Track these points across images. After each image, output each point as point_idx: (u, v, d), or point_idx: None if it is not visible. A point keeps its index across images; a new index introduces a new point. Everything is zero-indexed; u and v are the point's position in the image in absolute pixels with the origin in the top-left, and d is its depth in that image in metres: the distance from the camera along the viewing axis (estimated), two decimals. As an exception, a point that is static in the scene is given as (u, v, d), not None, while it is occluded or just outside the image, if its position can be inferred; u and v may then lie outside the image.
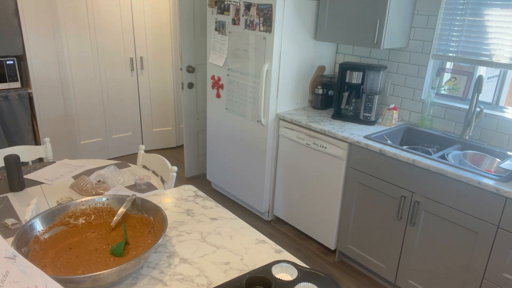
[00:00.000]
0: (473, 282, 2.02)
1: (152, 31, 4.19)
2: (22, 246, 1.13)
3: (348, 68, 2.73)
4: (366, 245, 2.54)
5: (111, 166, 2.16)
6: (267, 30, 2.73)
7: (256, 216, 3.31)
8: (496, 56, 2.33)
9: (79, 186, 1.93)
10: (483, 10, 2.34)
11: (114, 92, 4.15)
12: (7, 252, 0.83)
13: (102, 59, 3.97)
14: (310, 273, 1.14)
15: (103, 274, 1.01)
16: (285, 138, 2.90)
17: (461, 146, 2.41)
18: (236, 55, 3.04)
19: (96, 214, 1.37)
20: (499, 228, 1.88)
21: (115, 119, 4.25)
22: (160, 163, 2.31)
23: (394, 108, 2.70)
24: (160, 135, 4.63)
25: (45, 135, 3.72)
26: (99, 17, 3.84)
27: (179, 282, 1.13)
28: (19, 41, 3.34)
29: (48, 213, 1.27)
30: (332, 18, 2.74)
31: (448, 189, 2.03)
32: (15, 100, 3.36)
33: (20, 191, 1.93)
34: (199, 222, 1.45)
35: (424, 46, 2.62)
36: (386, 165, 2.29)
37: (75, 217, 1.34)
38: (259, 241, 1.34)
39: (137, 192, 1.95)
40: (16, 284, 0.80)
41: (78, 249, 1.24)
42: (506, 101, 2.47)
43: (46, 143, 2.48)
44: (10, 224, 1.61)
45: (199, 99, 3.79)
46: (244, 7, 2.84)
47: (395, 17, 2.48)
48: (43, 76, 3.59)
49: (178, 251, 1.28)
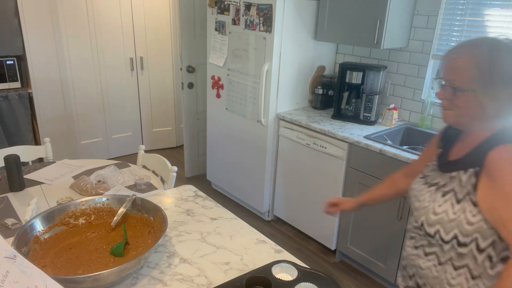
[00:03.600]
0: (473, 282, 2.02)
1: (152, 31, 4.19)
2: (22, 246, 1.13)
3: (348, 68, 2.73)
4: (366, 245, 2.54)
5: (111, 166, 2.16)
6: (267, 30, 2.73)
7: (256, 216, 3.31)
8: (496, 56, 2.33)
9: (79, 186, 1.93)
10: (483, 10, 2.34)
11: (114, 92, 4.15)
12: (7, 252, 0.83)
13: (102, 59, 3.97)
14: (310, 273, 1.14)
15: (103, 274, 1.01)
16: (285, 138, 2.90)
17: (461, 146, 2.41)
18: (236, 55, 3.04)
19: (96, 214, 1.37)
20: (499, 228, 1.88)
21: (115, 119, 4.25)
22: (160, 163, 2.31)
23: (394, 108, 2.70)
24: (160, 135, 4.63)
25: (45, 135, 3.72)
26: (99, 17, 3.84)
27: (179, 282, 1.13)
28: (19, 41, 3.34)
29: (48, 213, 1.28)
30: (332, 18, 2.74)
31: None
32: (15, 100, 3.36)
33: (20, 191, 1.93)
34: (199, 222, 1.45)
35: (424, 46, 2.62)
36: (386, 165, 2.29)
37: (75, 217, 1.34)
38: (259, 241, 1.34)
39: (137, 192, 1.95)
40: (16, 284, 0.80)
41: (78, 249, 1.24)
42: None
43: (46, 143, 2.48)
44: (10, 224, 1.61)
45: (199, 99, 3.79)
46: (244, 7, 2.84)
47: (395, 17, 2.48)
48: (43, 76, 3.59)
49: (178, 251, 1.28)
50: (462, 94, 1.07)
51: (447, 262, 1.13)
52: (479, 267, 1.10)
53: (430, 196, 1.17)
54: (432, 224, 1.13)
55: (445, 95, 1.11)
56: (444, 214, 1.11)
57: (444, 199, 1.13)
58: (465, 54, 1.05)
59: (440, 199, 1.13)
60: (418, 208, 1.19)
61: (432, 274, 1.16)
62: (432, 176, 1.21)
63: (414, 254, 1.21)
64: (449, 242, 1.11)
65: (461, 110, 1.09)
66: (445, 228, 1.10)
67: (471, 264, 1.10)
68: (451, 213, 1.10)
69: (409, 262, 1.24)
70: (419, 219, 1.17)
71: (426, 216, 1.15)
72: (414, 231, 1.21)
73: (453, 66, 1.08)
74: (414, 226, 1.21)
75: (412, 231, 1.22)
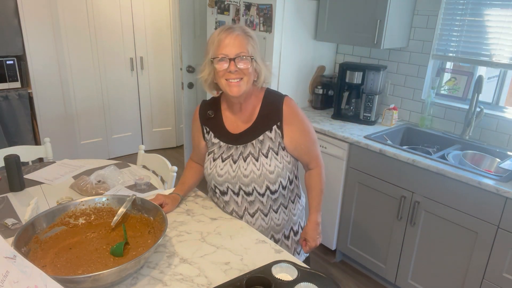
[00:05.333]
0: (473, 282, 2.02)
1: (152, 31, 4.19)
2: (22, 246, 1.13)
3: (348, 68, 2.73)
4: (366, 245, 2.54)
5: (111, 166, 2.16)
6: (267, 30, 2.73)
7: (256, 216, 3.31)
8: (496, 56, 2.33)
9: (79, 186, 1.93)
10: (483, 10, 2.34)
11: (114, 92, 4.15)
12: (7, 252, 0.83)
13: (102, 59, 3.97)
14: (310, 273, 1.14)
15: (103, 274, 1.01)
16: (285, 138, 2.90)
17: (461, 146, 2.41)
18: (236, 55, 3.03)
19: (96, 214, 1.37)
20: (499, 228, 1.88)
21: (115, 119, 4.25)
22: (160, 163, 2.31)
23: (394, 108, 2.69)
24: (160, 135, 4.63)
25: (45, 135, 3.72)
26: (99, 17, 3.84)
27: (179, 282, 1.13)
28: (19, 41, 3.34)
29: (48, 213, 1.28)
30: (332, 18, 2.74)
31: (448, 189, 2.03)
32: (15, 100, 3.36)
33: (20, 191, 1.93)
34: (199, 222, 1.45)
35: (424, 46, 2.62)
36: (386, 165, 2.29)
37: (75, 217, 1.34)
38: (259, 241, 1.34)
39: (137, 192, 1.95)
40: (16, 284, 0.80)
41: (78, 249, 1.24)
42: (506, 101, 2.47)
43: (46, 143, 2.48)
44: (10, 224, 1.61)
45: (199, 99, 3.79)
46: (244, 7, 2.84)
47: (395, 17, 2.48)
48: (43, 76, 3.59)
49: (178, 251, 1.28)
50: (250, 62, 1.33)
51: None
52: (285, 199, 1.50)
53: (250, 165, 1.41)
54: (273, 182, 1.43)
55: (244, 66, 1.32)
56: (276, 168, 1.41)
57: (268, 158, 1.41)
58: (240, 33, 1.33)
59: (265, 159, 1.41)
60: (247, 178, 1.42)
61: None
62: (226, 152, 1.45)
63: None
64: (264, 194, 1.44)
65: (249, 77, 1.35)
66: (271, 181, 1.42)
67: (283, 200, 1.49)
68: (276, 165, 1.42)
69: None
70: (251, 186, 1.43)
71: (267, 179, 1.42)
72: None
73: (237, 43, 1.31)
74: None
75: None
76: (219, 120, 1.49)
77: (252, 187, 1.42)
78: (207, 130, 1.51)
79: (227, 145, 1.46)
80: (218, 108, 1.51)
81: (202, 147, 1.55)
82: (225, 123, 1.48)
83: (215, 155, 1.47)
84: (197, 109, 1.56)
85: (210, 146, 1.51)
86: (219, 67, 1.33)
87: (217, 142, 1.48)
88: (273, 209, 1.48)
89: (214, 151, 1.48)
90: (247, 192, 1.44)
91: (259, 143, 1.42)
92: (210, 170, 1.47)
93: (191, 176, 1.63)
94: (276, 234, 1.53)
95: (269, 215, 1.48)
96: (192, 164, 1.65)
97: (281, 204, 1.49)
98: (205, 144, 1.54)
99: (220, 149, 1.46)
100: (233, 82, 1.33)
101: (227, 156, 1.44)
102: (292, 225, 1.57)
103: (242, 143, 1.44)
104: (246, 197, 1.45)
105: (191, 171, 1.64)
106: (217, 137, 1.48)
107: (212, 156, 1.47)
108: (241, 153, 1.43)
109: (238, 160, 1.43)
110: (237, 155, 1.43)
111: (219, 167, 1.45)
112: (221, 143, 1.47)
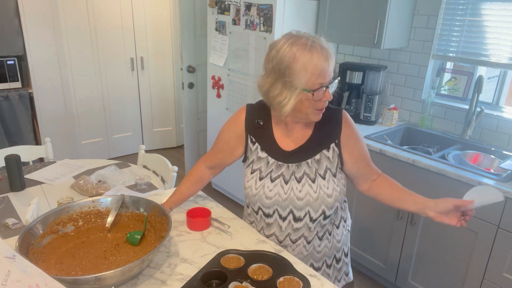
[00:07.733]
0: (473, 282, 2.02)
1: (152, 31, 4.19)
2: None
3: (349, 68, 2.73)
4: (366, 245, 2.54)
5: (112, 166, 2.17)
6: (267, 30, 2.73)
7: (256, 216, 3.31)
8: (496, 56, 2.33)
9: (79, 186, 1.93)
10: (483, 10, 2.34)
11: (114, 92, 4.15)
12: (7, 252, 0.84)
13: (102, 59, 3.97)
14: (258, 254, 1.21)
15: (107, 275, 1.00)
16: (285, 138, 2.90)
17: (461, 146, 2.41)
18: (236, 55, 3.04)
19: (83, 218, 1.32)
20: (499, 228, 1.88)
21: (115, 119, 4.25)
22: (160, 163, 2.31)
23: (394, 108, 2.70)
24: (161, 135, 4.63)
25: (45, 135, 3.72)
26: (100, 17, 3.84)
27: (179, 282, 1.13)
28: (19, 41, 3.34)
29: (43, 218, 1.21)
30: (332, 18, 2.74)
31: (448, 189, 2.04)
32: (15, 100, 3.36)
33: (20, 191, 1.93)
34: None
35: (424, 46, 2.62)
36: (386, 165, 2.29)
37: (75, 219, 1.32)
38: (259, 241, 1.34)
39: (138, 192, 1.96)
40: (18, 283, 0.80)
41: (79, 252, 1.22)
42: (506, 101, 2.47)
43: (47, 143, 2.48)
44: (10, 224, 1.61)
45: (200, 99, 3.79)
46: (245, 7, 2.85)
47: (395, 17, 2.48)
48: (43, 76, 3.59)
49: (178, 251, 1.28)
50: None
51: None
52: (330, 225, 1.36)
53: (306, 186, 1.25)
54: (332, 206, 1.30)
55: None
56: (334, 191, 1.27)
57: (326, 180, 1.26)
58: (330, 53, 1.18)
59: (323, 181, 1.26)
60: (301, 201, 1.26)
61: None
62: (275, 170, 1.28)
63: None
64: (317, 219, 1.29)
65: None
66: (327, 205, 1.27)
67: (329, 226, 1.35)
68: (333, 187, 1.28)
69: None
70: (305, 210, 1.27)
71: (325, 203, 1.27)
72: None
73: (331, 65, 1.16)
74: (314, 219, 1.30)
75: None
76: (269, 131, 1.30)
77: (306, 211, 1.26)
78: (253, 140, 1.32)
79: (277, 162, 1.27)
80: (268, 117, 1.32)
81: (235, 155, 1.37)
82: (275, 135, 1.29)
83: (261, 174, 1.28)
84: (242, 112, 1.36)
85: (254, 161, 1.31)
86: (317, 97, 1.14)
87: (265, 157, 1.29)
88: (318, 236, 1.32)
89: (261, 168, 1.29)
90: (297, 217, 1.27)
91: (316, 163, 1.25)
92: (256, 191, 1.29)
93: (193, 189, 1.47)
94: (316, 262, 1.38)
95: (312, 242, 1.33)
96: (199, 172, 1.46)
97: (326, 230, 1.34)
98: (242, 153, 1.35)
99: (268, 167, 1.28)
100: (322, 110, 1.18)
101: (277, 176, 1.26)
102: (335, 253, 1.41)
103: (295, 162, 1.25)
104: (293, 222, 1.29)
105: (192, 182, 1.46)
106: (264, 151, 1.29)
107: (258, 175, 1.28)
108: (293, 173, 1.25)
109: (290, 180, 1.25)
110: (288, 175, 1.26)
111: (268, 188, 1.27)
112: (269, 158, 1.28)
